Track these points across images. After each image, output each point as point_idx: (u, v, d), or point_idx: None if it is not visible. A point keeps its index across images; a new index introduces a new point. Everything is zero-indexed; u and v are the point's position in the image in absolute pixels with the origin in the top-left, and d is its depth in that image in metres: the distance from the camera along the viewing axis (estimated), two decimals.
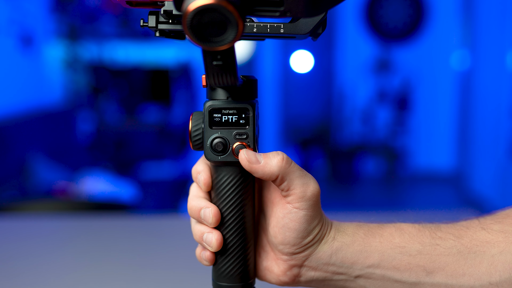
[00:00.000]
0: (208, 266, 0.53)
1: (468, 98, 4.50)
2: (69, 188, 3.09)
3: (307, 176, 0.50)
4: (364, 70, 5.01)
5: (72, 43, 4.27)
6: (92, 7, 4.23)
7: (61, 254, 1.12)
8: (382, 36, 4.91)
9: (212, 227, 0.51)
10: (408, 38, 4.91)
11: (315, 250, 0.51)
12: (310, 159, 5.11)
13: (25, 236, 1.22)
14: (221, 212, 0.51)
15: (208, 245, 0.51)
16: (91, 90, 4.49)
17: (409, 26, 4.89)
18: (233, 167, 0.50)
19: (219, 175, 0.50)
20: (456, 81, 4.93)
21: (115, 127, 4.37)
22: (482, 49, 4.20)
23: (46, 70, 4.06)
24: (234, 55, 0.39)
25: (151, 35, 4.43)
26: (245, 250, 0.52)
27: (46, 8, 4.04)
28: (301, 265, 0.52)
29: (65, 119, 3.88)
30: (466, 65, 4.58)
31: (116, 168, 3.83)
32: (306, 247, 0.51)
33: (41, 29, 3.94)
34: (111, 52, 4.48)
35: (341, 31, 5.04)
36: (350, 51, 5.01)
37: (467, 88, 4.55)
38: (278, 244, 0.51)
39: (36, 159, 3.18)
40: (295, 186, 0.49)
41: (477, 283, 0.50)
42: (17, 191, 2.86)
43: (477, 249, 0.51)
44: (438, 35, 4.91)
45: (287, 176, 0.49)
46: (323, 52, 5.19)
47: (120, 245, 1.15)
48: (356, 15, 4.93)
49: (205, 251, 0.52)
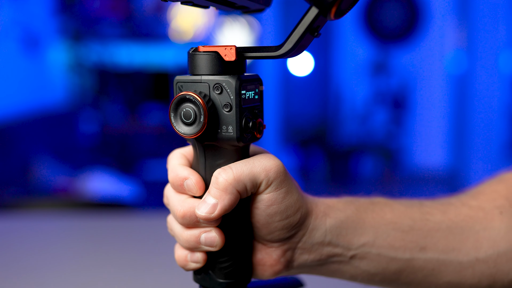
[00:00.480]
0: (196, 268, 0.49)
1: (464, 99, 4.51)
2: (72, 187, 3.11)
3: (261, 160, 0.46)
4: (361, 71, 5.03)
5: (75, 44, 4.28)
6: (95, 10, 4.24)
7: (63, 253, 1.10)
8: (379, 37, 4.91)
9: (212, 226, 0.47)
10: (405, 39, 4.92)
11: (307, 227, 0.48)
12: (308, 159, 5.12)
13: (28, 235, 1.20)
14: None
15: (211, 246, 0.47)
16: (94, 91, 4.49)
17: (406, 28, 4.89)
18: (228, 157, 0.48)
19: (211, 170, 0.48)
20: (452, 82, 4.95)
21: (118, 127, 4.37)
22: (477, 50, 4.21)
23: (50, 71, 4.06)
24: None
25: (153, 36, 4.46)
26: (243, 242, 0.50)
27: (49, 10, 4.04)
28: (294, 247, 0.49)
29: (68, 119, 3.88)
30: (462, 66, 4.59)
31: (119, 168, 3.84)
32: (296, 226, 0.48)
33: (44, 31, 3.94)
34: (114, 53, 4.48)
35: (338, 32, 5.06)
36: (347, 52, 5.03)
37: (463, 89, 4.56)
38: (266, 234, 0.48)
39: (40, 159, 3.19)
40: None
41: (465, 258, 0.51)
42: (20, 190, 2.87)
43: (463, 224, 0.51)
44: (435, 36, 4.92)
45: (243, 182, 0.46)
46: (321, 53, 5.20)
47: (123, 244, 1.13)
48: (354, 17, 4.95)
49: (196, 253, 0.48)
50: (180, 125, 0.46)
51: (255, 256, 0.50)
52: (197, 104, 0.44)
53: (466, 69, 4.47)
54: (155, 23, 4.40)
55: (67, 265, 1.02)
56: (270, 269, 0.50)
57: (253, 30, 4.60)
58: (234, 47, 0.46)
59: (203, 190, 0.47)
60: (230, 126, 0.45)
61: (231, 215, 0.47)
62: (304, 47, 0.45)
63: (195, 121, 0.45)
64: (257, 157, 0.47)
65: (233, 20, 4.54)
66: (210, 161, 0.48)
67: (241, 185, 0.45)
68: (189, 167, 0.49)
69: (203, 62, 0.46)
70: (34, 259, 1.05)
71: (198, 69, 0.46)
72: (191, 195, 0.48)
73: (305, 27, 0.43)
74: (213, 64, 0.46)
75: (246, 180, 0.45)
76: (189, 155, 0.50)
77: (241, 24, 4.58)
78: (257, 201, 0.47)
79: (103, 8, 4.25)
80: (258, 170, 0.46)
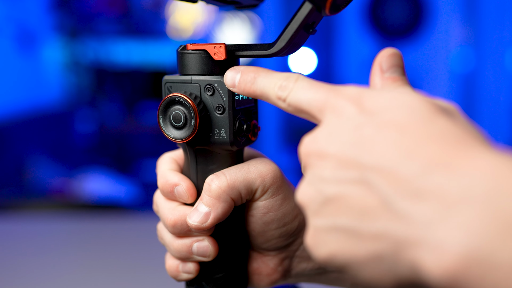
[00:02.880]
0: (188, 279, 0.47)
1: (470, 98, 4.50)
2: (68, 188, 3.08)
3: (256, 165, 0.44)
4: (365, 69, 5.00)
5: (71, 42, 4.26)
6: (92, 6, 4.21)
7: (59, 256, 1.10)
8: (384, 34, 4.91)
9: (205, 235, 0.45)
10: (410, 36, 4.90)
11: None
12: None
13: (23, 237, 1.20)
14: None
15: (203, 256, 0.45)
16: (91, 90, 4.49)
17: (411, 24, 4.89)
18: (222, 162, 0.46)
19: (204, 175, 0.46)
20: (458, 80, 4.93)
21: (115, 127, 4.35)
22: (484, 48, 4.22)
23: (45, 69, 4.04)
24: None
25: (152, 33, 4.42)
26: (237, 250, 0.48)
27: (45, 6, 4.01)
28: (292, 256, 0.47)
29: (64, 119, 3.88)
30: (468, 64, 4.55)
31: (116, 168, 3.82)
32: (294, 233, 0.46)
33: (40, 28, 3.92)
34: (112, 51, 4.46)
35: (341, 30, 5.02)
36: (351, 50, 5.00)
37: (469, 87, 4.55)
38: (263, 243, 0.46)
39: (35, 159, 3.19)
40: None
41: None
42: (15, 191, 2.87)
43: None
44: (441, 33, 4.90)
45: (237, 189, 0.43)
46: (324, 51, 5.18)
47: (120, 247, 1.13)
48: (357, 14, 4.91)
49: (188, 263, 0.46)
50: (169, 128, 0.44)
51: (251, 265, 0.48)
52: (188, 106, 0.43)
53: (472, 67, 4.45)
54: (154, 20, 4.38)
55: (62, 269, 1.01)
56: (266, 278, 0.48)
57: (254, 26, 4.58)
58: (224, 45, 0.43)
59: (194, 197, 0.46)
60: (222, 129, 0.44)
61: (225, 224, 0.45)
62: (299, 45, 0.43)
63: (185, 125, 0.43)
64: (252, 162, 0.45)
65: (234, 17, 4.52)
66: (202, 167, 0.46)
67: (235, 192, 0.43)
68: (180, 172, 0.47)
69: (192, 61, 0.44)
70: (28, 262, 1.04)
71: (187, 69, 0.44)
72: (182, 202, 0.46)
73: (299, 24, 0.41)
74: (203, 63, 0.44)
75: (241, 186, 0.43)
76: (179, 160, 0.49)
77: (242, 20, 4.56)
78: (252, 209, 0.45)
79: (100, 4, 4.23)
80: (253, 176, 0.44)
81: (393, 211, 0.29)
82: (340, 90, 0.35)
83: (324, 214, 0.32)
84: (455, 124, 0.31)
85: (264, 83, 0.39)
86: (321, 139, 0.33)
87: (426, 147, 0.29)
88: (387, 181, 0.29)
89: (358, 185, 0.31)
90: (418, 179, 0.28)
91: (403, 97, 0.33)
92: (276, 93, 0.38)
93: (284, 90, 0.38)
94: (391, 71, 0.37)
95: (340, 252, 0.31)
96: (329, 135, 0.33)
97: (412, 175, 0.29)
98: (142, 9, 4.33)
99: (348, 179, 0.31)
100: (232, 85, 0.41)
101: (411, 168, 0.29)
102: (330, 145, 0.33)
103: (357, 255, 0.31)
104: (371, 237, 0.30)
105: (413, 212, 0.28)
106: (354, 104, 0.33)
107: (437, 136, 0.30)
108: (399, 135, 0.30)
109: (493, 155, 0.28)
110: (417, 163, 0.29)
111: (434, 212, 0.27)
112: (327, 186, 0.32)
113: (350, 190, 0.31)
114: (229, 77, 0.42)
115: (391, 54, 0.38)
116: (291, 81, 0.38)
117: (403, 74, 0.38)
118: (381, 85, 0.37)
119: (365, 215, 0.30)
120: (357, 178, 0.31)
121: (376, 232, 0.30)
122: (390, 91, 0.35)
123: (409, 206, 0.28)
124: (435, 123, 0.31)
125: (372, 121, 0.32)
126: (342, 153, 0.32)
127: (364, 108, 0.33)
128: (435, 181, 0.28)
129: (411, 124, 0.31)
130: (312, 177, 0.33)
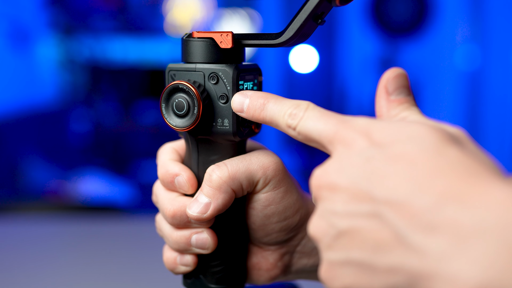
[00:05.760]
0: (185, 272, 0.47)
1: (476, 96, 4.52)
2: (63, 189, 3.08)
3: (258, 157, 0.44)
4: (368, 67, 4.95)
5: (66, 39, 4.24)
6: (87, 2, 4.20)
7: (54, 258, 1.08)
8: (387, 31, 4.94)
9: (204, 227, 0.45)
10: (415, 33, 4.91)
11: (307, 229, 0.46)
12: (311, 159, 5.09)
13: (17, 239, 1.24)
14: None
15: (202, 248, 0.45)
16: (86, 88, 4.49)
17: (415, 21, 4.92)
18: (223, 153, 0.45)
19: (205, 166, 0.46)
20: (463, 78, 4.93)
21: (111, 126, 4.34)
22: (490, 45, 4.23)
23: (40, 67, 4.03)
24: None
25: (149, 30, 4.41)
26: (237, 244, 0.47)
27: (39, 2, 3.99)
28: (293, 251, 0.47)
29: (59, 118, 3.89)
30: (474, 62, 4.53)
31: (112, 169, 3.81)
32: (295, 228, 0.46)
33: (34, 25, 3.90)
34: (108, 48, 4.45)
35: (344, 27, 4.99)
36: (354, 47, 4.97)
37: (475, 86, 4.55)
38: (263, 236, 0.46)
39: (29, 160, 3.22)
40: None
41: None
42: (9, 193, 2.86)
43: None
44: (446, 30, 4.92)
45: (238, 180, 0.43)
46: (326, 48, 5.19)
47: (116, 249, 1.14)
48: (360, 10, 4.88)
49: (186, 255, 0.46)
50: (172, 117, 0.44)
51: (251, 259, 0.48)
52: (191, 94, 0.43)
53: (478, 64, 4.42)
54: (151, 16, 4.37)
55: (57, 271, 1.03)
56: (266, 273, 0.48)
57: (253, 23, 4.59)
58: (231, 33, 0.43)
59: (195, 188, 0.46)
60: (226, 119, 0.44)
61: (225, 216, 0.45)
62: (307, 36, 0.44)
63: (188, 113, 0.43)
64: (254, 153, 0.45)
65: (233, 13, 4.54)
66: (203, 157, 0.46)
67: (236, 183, 0.43)
68: (181, 162, 0.47)
69: (197, 49, 0.44)
70: (23, 264, 1.06)
71: (192, 57, 0.44)
72: (182, 193, 0.46)
73: (308, 13, 0.41)
74: (208, 52, 0.44)
75: (242, 178, 0.43)
76: (180, 150, 0.49)
77: (241, 16, 4.57)
78: (253, 201, 0.45)
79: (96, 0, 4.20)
80: (255, 168, 0.44)
81: (406, 245, 0.29)
82: (350, 122, 0.36)
83: (338, 248, 0.32)
84: (465, 154, 0.31)
85: (274, 110, 0.40)
86: (332, 172, 0.34)
87: (438, 180, 0.30)
88: (400, 214, 0.30)
89: (370, 219, 0.31)
90: (431, 212, 0.29)
91: (411, 128, 0.33)
92: (286, 121, 0.39)
93: (294, 119, 0.39)
94: (396, 93, 0.38)
95: (355, 285, 0.32)
96: (340, 168, 0.33)
97: (424, 208, 0.29)
98: (139, 4, 4.32)
99: (360, 213, 0.31)
100: (240, 110, 0.42)
101: (423, 201, 0.29)
102: (341, 178, 0.33)
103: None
104: (385, 270, 0.30)
105: (427, 245, 0.28)
106: (364, 136, 0.34)
107: (448, 168, 0.30)
108: (410, 168, 0.31)
109: (505, 186, 0.29)
110: (429, 196, 0.29)
111: (448, 245, 0.28)
112: (340, 219, 0.32)
113: (363, 224, 0.31)
114: (237, 101, 0.42)
115: (396, 76, 0.39)
116: (301, 109, 0.39)
117: (409, 94, 0.38)
118: (387, 108, 0.38)
119: (379, 249, 0.30)
120: (369, 212, 0.31)
121: (391, 266, 0.30)
122: (399, 121, 0.36)
123: (423, 239, 0.29)
124: (445, 155, 0.31)
125: (383, 154, 0.32)
126: (354, 187, 0.32)
127: (374, 140, 0.33)
128: (448, 214, 0.28)
129: (421, 156, 0.31)
130: (324, 211, 0.33)
